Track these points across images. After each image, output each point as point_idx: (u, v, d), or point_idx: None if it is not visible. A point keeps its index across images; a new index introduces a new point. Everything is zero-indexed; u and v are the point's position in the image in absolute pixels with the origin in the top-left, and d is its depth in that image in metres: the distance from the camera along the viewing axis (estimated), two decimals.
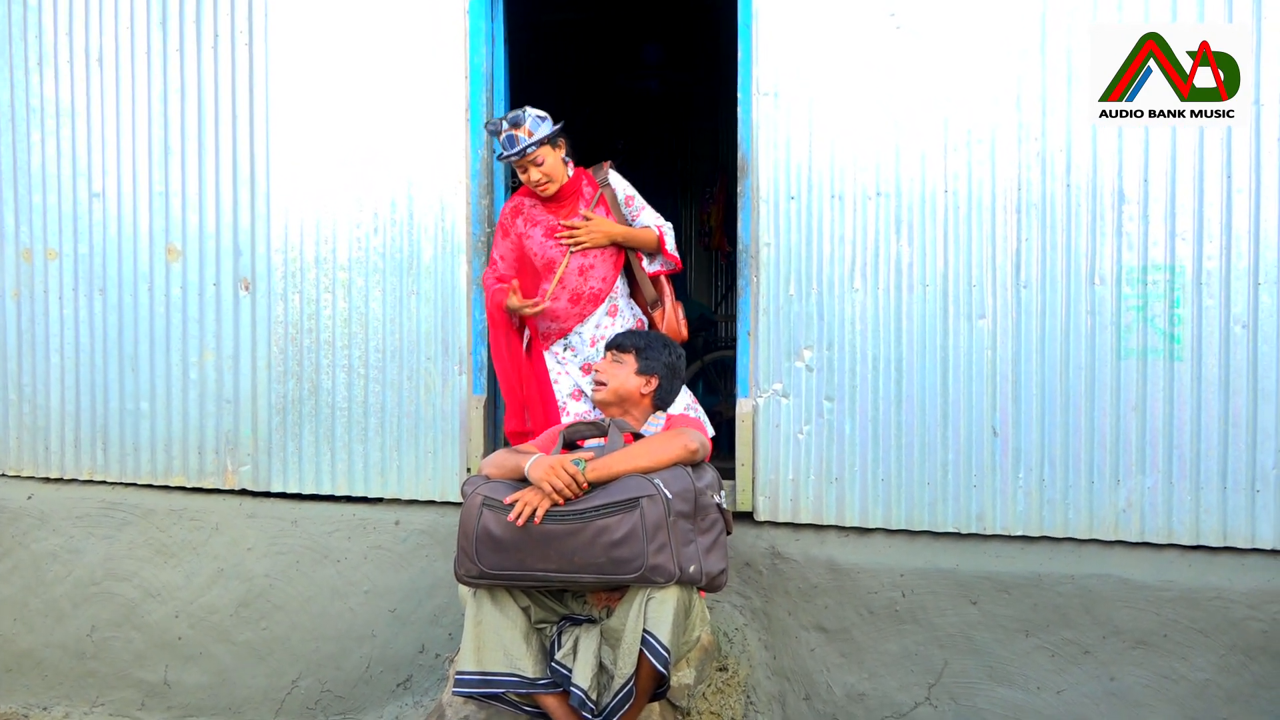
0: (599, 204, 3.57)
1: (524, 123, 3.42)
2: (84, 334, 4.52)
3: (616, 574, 2.66)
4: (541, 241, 3.54)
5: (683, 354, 3.19)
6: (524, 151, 3.42)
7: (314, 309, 4.18)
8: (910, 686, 3.43)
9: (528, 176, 3.49)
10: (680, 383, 3.21)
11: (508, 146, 3.44)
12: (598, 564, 2.66)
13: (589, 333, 3.55)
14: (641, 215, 3.63)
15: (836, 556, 3.57)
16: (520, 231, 3.58)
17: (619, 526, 2.64)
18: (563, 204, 3.55)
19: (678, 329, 3.57)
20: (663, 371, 3.09)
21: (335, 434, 4.17)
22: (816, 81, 3.63)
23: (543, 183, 3.49)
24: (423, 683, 3.83)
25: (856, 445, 3.61)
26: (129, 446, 4.45)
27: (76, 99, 4.50)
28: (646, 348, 3.08)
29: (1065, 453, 3.41)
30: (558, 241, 3.52)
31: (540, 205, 3.58)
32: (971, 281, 3.49)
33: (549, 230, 3.54)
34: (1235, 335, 3.27)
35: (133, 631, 4.21)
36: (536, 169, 3.46)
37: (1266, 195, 3.24)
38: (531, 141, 3.41)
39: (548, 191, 3.51)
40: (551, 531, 2.68)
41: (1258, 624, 3.15)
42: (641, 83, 7.35)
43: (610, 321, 3.56)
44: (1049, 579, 3.35)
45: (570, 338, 3.55)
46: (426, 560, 3.96)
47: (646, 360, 3.06)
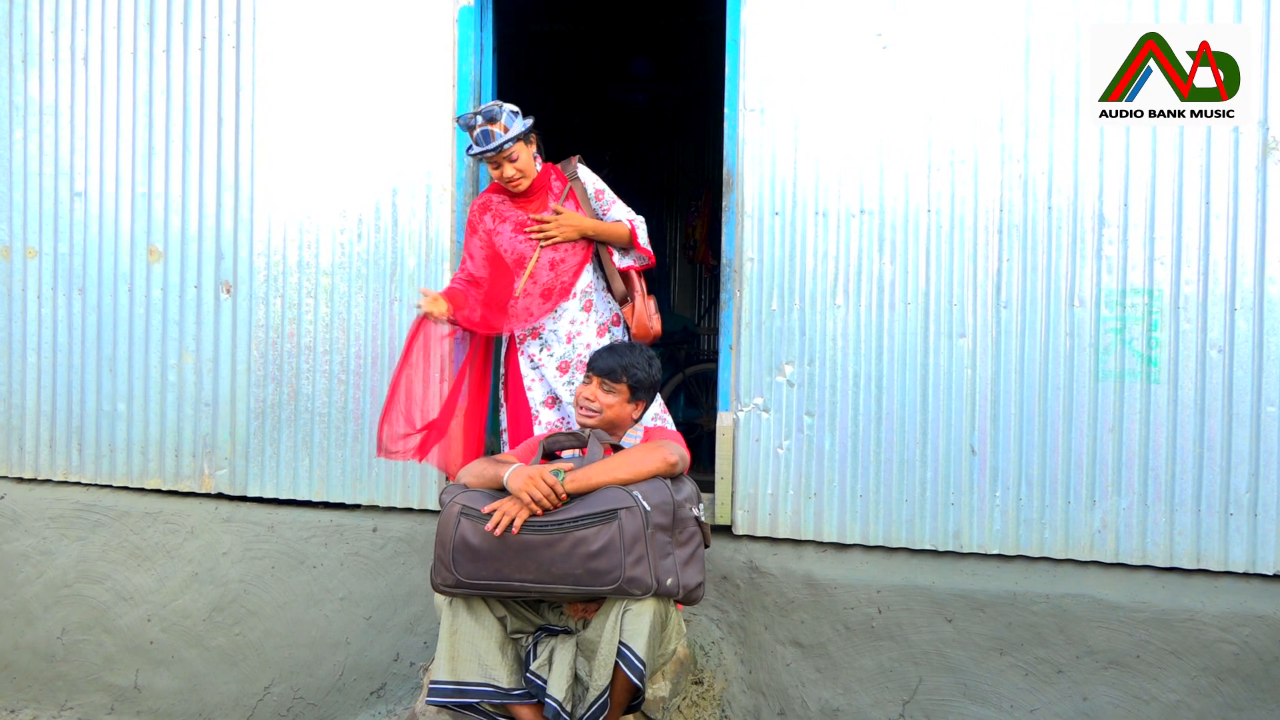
0: (568, 198, 3.55)
1: (499, 118, 3.39)
2: (62, 334, 4.48)
3: (594, 585, 2.66)
4: (511, 237, 3.52)
5: (660, 365, 3.18)
6: (500, 148, 3.39)
7: (295, 314, 4.16)
8: (885, 703, 3.43)
9: (500, 173, 3.45)
10: (658, 393, 3.22)
11: (482, 142, 3.38)
12: (575, 575, 2.65)
13: (564, 329, 3.52)
14: (612, 209, 3.60)
15: (814, 572, 3.57)
16: (489, 228, 3.56)
17: (597, 538, 2.64)
18: (532, 199, 3.53)
19: (648, 324, 3.52)
20: (648, 395, 3.10)
21: (314, 439, 4.15)
22: (802, 98, 3.65)
23: (516, 179, 3.46)
24: (396, 691, 3.80)
25: (836, 461, 3.62)
26: (105, 448, 4.42)
27: (61, 97, 4.48)
28: (633, 371, 3.04)
29: (1042, 472, 3.43)
30: (528, 236, 3.50)
31: (509, 201, 3.56)
32: (952, 300, 3.52)
33: (518, 226, 3.51)
34: (1211, 359, 3.30)
35: (104, 635, 4.17)
36: (511, 165, 3.43)
37: (1244, 221, 3.28)
38: (508, 138, 3.38)
39: (520, 187, 3.48)
40: (529, 542, 2.68)
41: (1229, 646, 3.18)
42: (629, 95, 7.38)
43: (585, 317, 3.54)
44: (1024, 598, 3.37)
45: (545, 335, 3.53)
46: (403, 568, 3.95)
47: (634, 383, 3.04)
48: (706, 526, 2.92)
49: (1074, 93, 3.41)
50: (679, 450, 2.89)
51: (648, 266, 3.62)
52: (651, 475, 2.78)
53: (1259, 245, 3.27)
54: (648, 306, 3.56)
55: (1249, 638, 3.17)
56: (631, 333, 3.55)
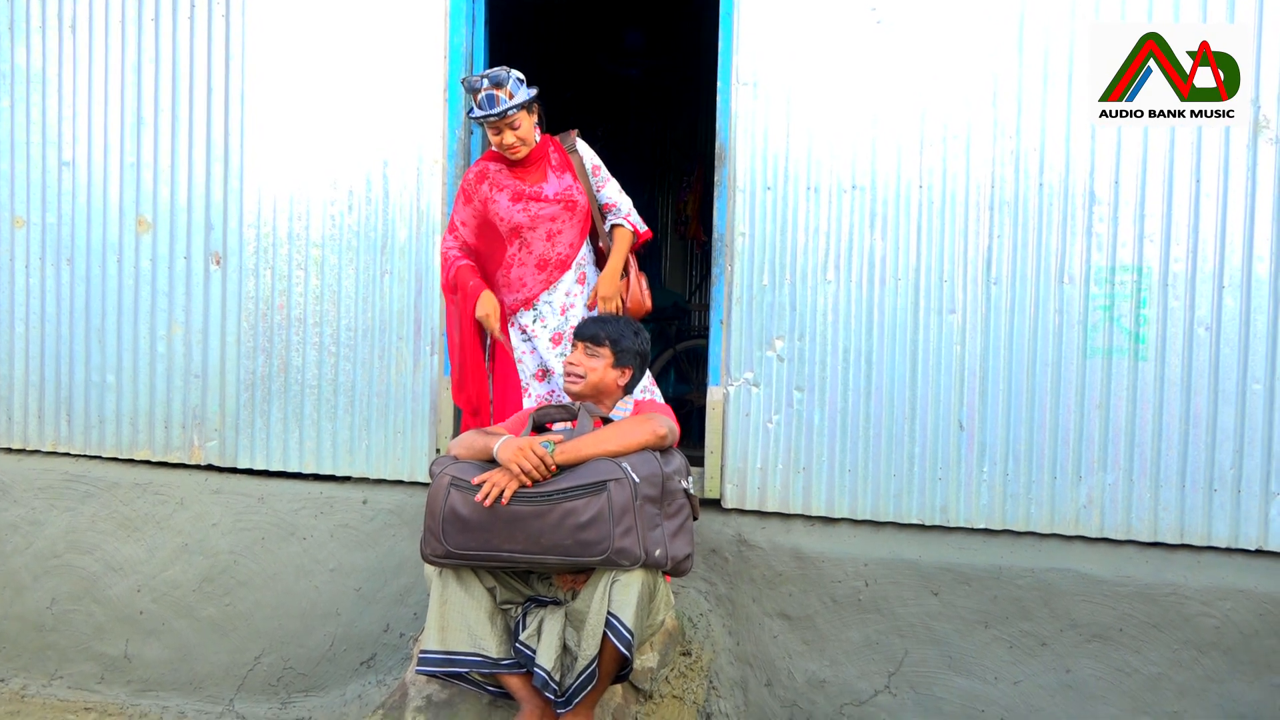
0: (565, 169, 3.54)
1: (506, 83, 3.37)
2: (50, 304, 4.46)
3: (582, 556, 2.68)
4: (508, 206, 3.50)
5: (648, 337, 3.19)
6: (505, 113, 3.37)
7: (285, 285, 4.15)
8: (870, 675, 3.47)
9: (501, 139, 3.43)
10: (647, 366, 3.22)
11: (486, 106, 3.37)
12: (564, 546, 2.67)
13: (558, 300, 3.52)
14: (606, 187, 3.61)
15: (802, 545, 3.60)
16: (485, 196, 3.54)
17: (586, 509, 2.65)
18: (529, 169, 3.52)
19: (641, 300, 3.56)
20: (635, 362, 3.10)
21: (304, 412, 4.15)
22: (796, 73, 3.64)
23: (515, 147, 3.44)
24: (386, 661, 3.83)
25: (825, 435, 3.64)
26: (94, 419, 4.41)
27: (49, 66, 4.43)
28: (620, 339, 3.07)
29: (1029, 448, 3.46)
30: (525, 206, 3.50)
31: (506, 170, 3.54)
32: (943, 277, 3.53)
33: (515, 195, 3.50)
34: (1199, 337, 3.32)
35: (93, 605, 4.18)
36: (512, 132, 3.42)
37: (1233, 199, 3.29)
38: (513, 104, 3.37)
39: (518, 155, 3.47)
40: (519, 513, 2.69)
41: (1210, 620, 3.22)
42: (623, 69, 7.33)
43: (579, 289, 3.55)
44: (1009, 572, 3.40)
45: (539, 306, 3.53)
46: (393, 539, 3.96)
47: (620, 351, 3.06)
48: (695, 499, 2.94)
49: (1067, 70, 3.41)
50: (668, 423, 2.90)
51: (646, 239, 3.64)
52: (640, 447, 2.79)
53: (1248, 224, 3.28)
54: (640, 284, 3.59)
55: (1230, 612, 3.21)
56: (626, 307, 3.56)
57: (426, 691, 3.17)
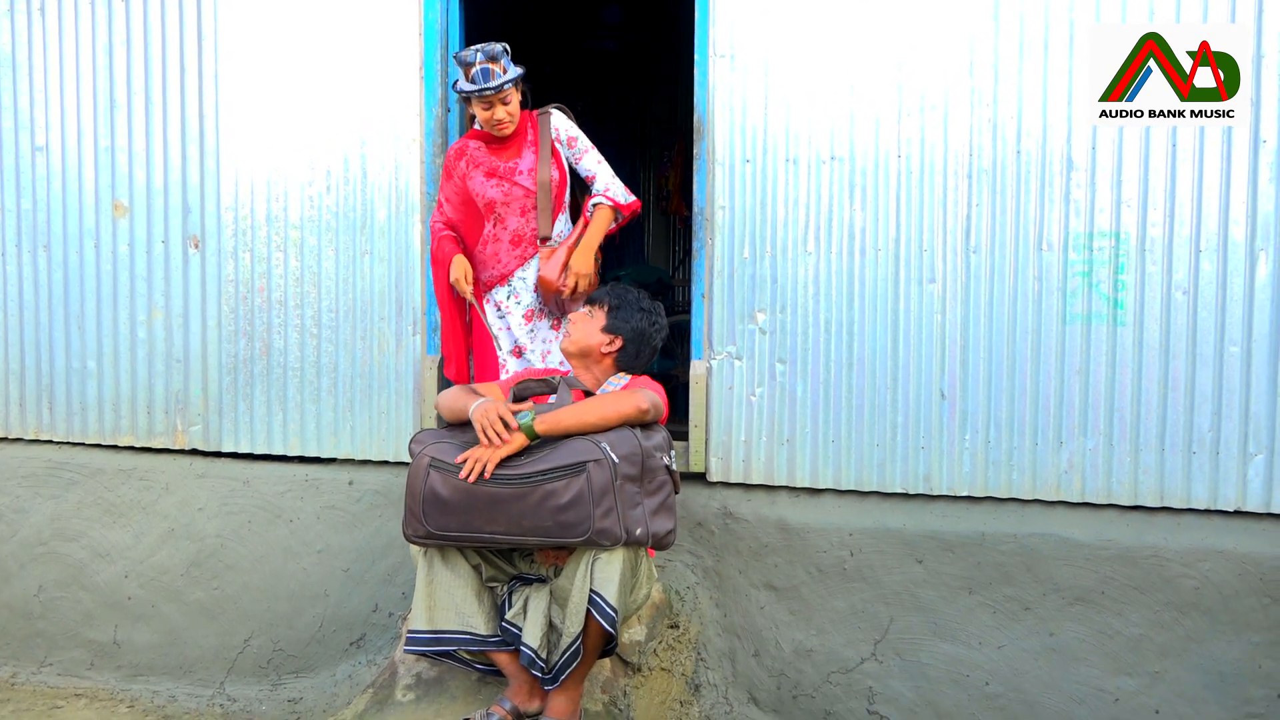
0: (534, 145, 3.52)
1: (501, 58, 3.37)
2: (28, 291, 4.43)
3: (563, 537, 2.67)
4: (483, 182, 3.50)
5: (662, 324, 3.10)
6: (501, 87, 3.37)
7: (265, 268, 4.13)
8: (857, 643, 3.50)
9: (491, 114, 3.42)
10: (651, 351, 3.10)
11: (482, 80, 3.36)
12: (545, 527, 2.66)
13: (531, 277, 3.52)
14: (584, 158, 3.59)
15: (787, 516, 3.62)
16: (463, 173, 3.54)
17: (565, 491, 2.64)
18: (506, 146, 3.51)
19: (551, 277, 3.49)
20: (629, 334, 3.03)
21: (287, 394, 4.14)
22: (772, 45, 3.63)
23: (505, 122, 3.44)
24: (376, 641, 3.84)
25: (808, 407, 3.65)
26: (76, 406, 4.39)
27: (18, 49, 4.38)
28: (620, 306, 3.03)
29: (1010, 415, 3.48)
30: (499, 183, 3.49)
31: (484, 148, 3.53)
32: (922, 246, 3.54)
33: (490, 171, 3.50)
34: (1176, 301, 3.34)
35: (81, 591, 4.18)
36: (504, 107, 3.41)
37: (1209, 164, 3.31)
38: (508, 79, 3.37)
39: (505, 131, 3.46)
40: (498, 495, 2.68)
41: (1190, 581, 3.26)
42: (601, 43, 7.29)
43: None
44: (992, 538, 3.43)
45: (513, 282, 3.53)
46: (380, 520, 3.96)
47: (615, 319, 3.02)
48: (676, 474, 2.93)
49: (1043, 37, 3.41)
50: (653, 398, 2.88)
51: (635, 209, 3.61)
52: (621, 421, 2.77)
53: (1223, 188, 3.29)
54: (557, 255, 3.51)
55: (1210, 572, 3.25)
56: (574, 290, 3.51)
57: (416, 670, 3.19)
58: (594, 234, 3.52)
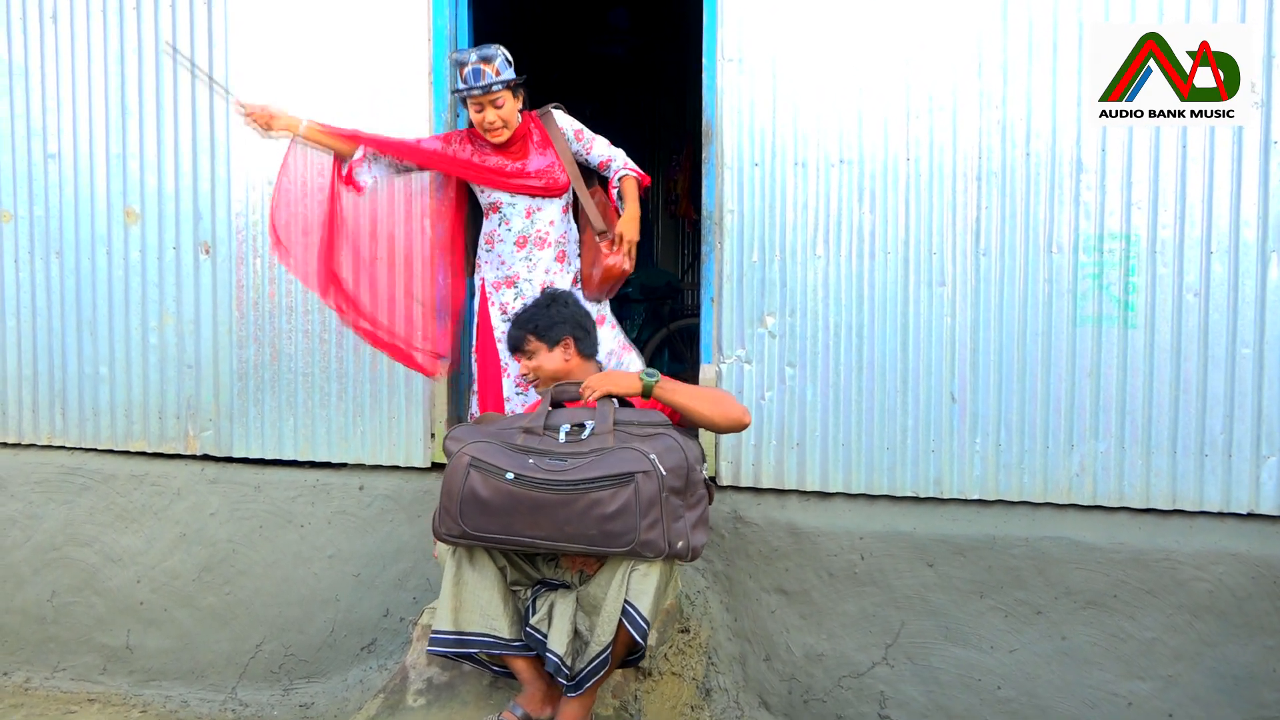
0: (546, 145, 3.52)
1: (494, 60, 3.36)
2: (40, 297, 4.45)
3: (607, 547, 2.66)
4: (491, 180, 3.51)
5: (571, 296, 3.11)
6: (489, 88, 3.36)
7: (275, 273, 4.14)
8: (868, 647, 3.49)
9: (483, 117, 3.41)
10: (590, 321, 3.09)
11: (472, 80, 3.36)
12: (589, 535, 2.65)
13: (538, 279, 3.51)
14: (595, 146, 3.60)
15: (797, 520, 3.61)
16: (466, 157, 3.53)
17: (613, 500, 2.62)
18: (512, 146, 3.51)
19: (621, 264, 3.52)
20: (567, 329, 3.00)
21: (298, 399, 4.15)
22: (780, 48, 3.63)
23: (496, 126, 3.43)
24: (387, 646, 3.85)
25: (818, 411, 3.65)
26: (88, 411, 4.41)
27: (31, 57, 4.41)
28: (537, 323, 2.99)
29: (1021, 418, 3.47)
30: (506, 182, 3.49)
31: (490, 146, 3.52)
32: (932, 249, 3.53)
33: (497, 169, 3.49)
34: (1187, 303, 3.33)
35: (94, 597, 4.20)
36: (495, 110, 3.40)
37: (1220, 165, 3.29)
38: (499, 80, 3.36)
39: (498, 137, 3.45)
40: (543, 500, 2.65)
41: (1204, 584, 3.24)
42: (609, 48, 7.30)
43: (559, 268, 3.54)
44: (1003, 541, 3.42)
45: (520, 285, 3.52)
46: (391, 525, 3.97)
47: (548, 334, 2.98)
48: (712, 487, 2.93)
49: (1052, 37, 3.40)
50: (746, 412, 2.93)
51: (646, 184, 3.60)
52: (729, 426, 2.86)
53: (1234, 188, 3.28)
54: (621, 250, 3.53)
55: (1223, 575, 3.23)
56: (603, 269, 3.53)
57: (427, 674, 3.19)
58: (634, 204, 3.54)
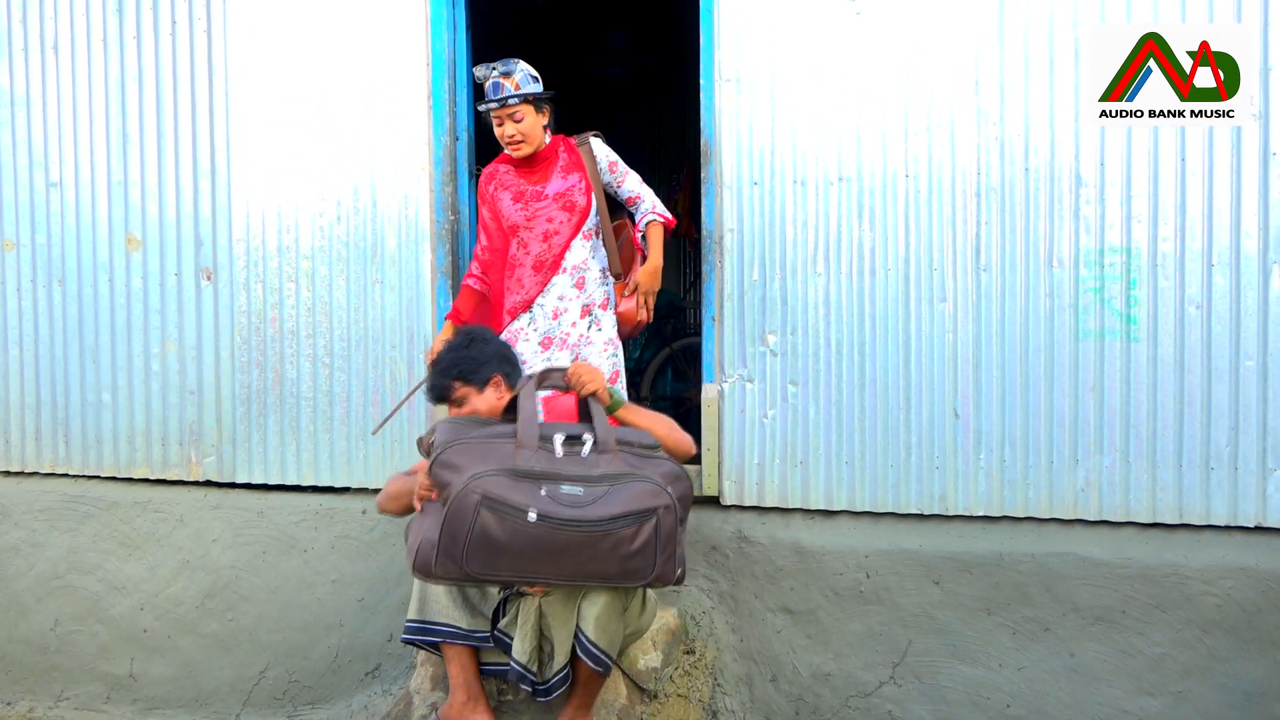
0: (573, 169, 3.54)
1: (514, 74, 3.39)
2: (43, 325, 4.46)
3: (626, 581, 2.69)
4: (509, 205, 3.52)
5: (486, 331, 3.09)
6: (505, 101, 3.38)
7: (277, 298, 4.15)
8: (875, 666, 3.47)
9: (502, 130, 3.44)
10: (511, 350, 3.06)
11: (491, 93, 3.39)
12: (609, 574, 2.65)
13: (550, 304, 3.51)
14: (626, 181, 3.61)
15: (802, 539, 3.60)
16: (493, 195, 3.57)
17: (636, 538, 2.61)
18: (535, 169, 3.53)
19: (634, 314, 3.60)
20: (494, 367, 2.94)
21: (300, 424, 4.15)
22: (778, 67, 3.64)
23: (515, 140, 3.44)
24: (391, 671, 3.83)
25: (821, 429, 3.64)
26: (91, 439, 4.41)
27: (32, 87, 4.43)
28: (461, 368, 2.92)
29: (1025, 434, 3.46)
30: (524, 206, 3.51)
31: (512, 171, 3.55)
32: (932, 265, 3.53)
33: (517, 195, 3.52)
34: (1190, 316, 3.32)
35: (97, 625, 4.18)
36: (513, 124, 3.42)
37: (1220, 177, 3.29)
38: (515, 94, 3.38)
39: (519, 151, 3.47)
40: (570, 542, 2.58)
41: (1212, 599, 3.22)
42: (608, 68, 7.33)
43: (576, 294, 3.52)
44: (1010, 558, 3.40)
45: (534, 309, 3.53)
46: (394, 549, 3.96)
47: (475, 376, 2.92)
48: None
49: (1048, 53, 3.41)
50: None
51: (672, 226, 3.62)
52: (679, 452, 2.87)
53: (1234, 200, 3.28)
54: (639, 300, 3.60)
55: (1231, 590, 3.21)
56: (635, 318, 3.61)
57: (431, 699, 3.17)
58: (657, 253, 3.57)
